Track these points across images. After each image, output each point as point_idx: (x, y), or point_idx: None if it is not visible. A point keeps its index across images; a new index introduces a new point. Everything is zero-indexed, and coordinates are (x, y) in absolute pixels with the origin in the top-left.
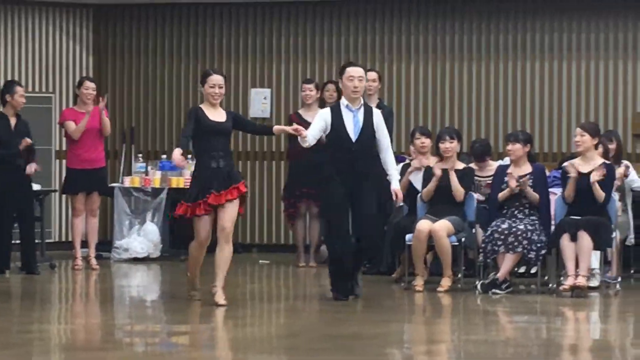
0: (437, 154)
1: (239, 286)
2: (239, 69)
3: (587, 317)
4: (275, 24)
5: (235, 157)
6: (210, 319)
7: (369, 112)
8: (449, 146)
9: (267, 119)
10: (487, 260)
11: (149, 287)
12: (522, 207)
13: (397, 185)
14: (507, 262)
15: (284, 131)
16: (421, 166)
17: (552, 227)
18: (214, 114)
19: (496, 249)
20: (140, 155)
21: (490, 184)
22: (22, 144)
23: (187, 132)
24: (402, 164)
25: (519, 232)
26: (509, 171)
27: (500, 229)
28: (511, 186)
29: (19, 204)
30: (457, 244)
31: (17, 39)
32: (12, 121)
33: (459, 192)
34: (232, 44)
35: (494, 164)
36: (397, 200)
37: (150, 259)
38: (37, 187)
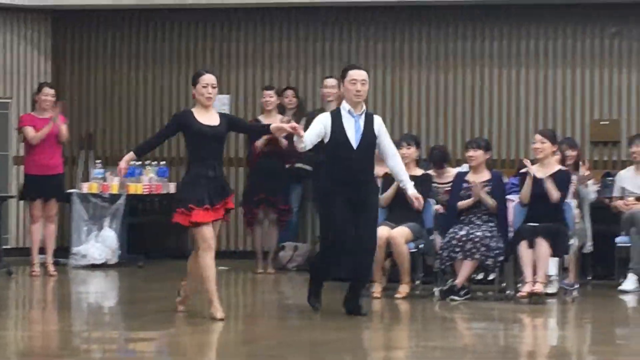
0: None
1: (198, 292)
2: None
3: (545, 323)
4: (233, 29)
5: None
6: (168, 325)
7: (370, 118)
8: (406, 152)
9: None
10: (445, 266)
11: (106, 293)
12: (480, 213)
13: (414, 190)
14: (465, 269)
15: (281, 129)
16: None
17: (510, 234)
18: (206, 117)
19: (454, 255)
20: (98, 161)
21: (448, 190)
22: None
23: (154, 138)
24: None
25: (476, 239)
26: (468, 178)
27: (458, 236)
28: (475, 192)
29: None
30: (415, 250)
31: None
32: None
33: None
34: (191, 49)
35: (453, 171)
36: (419, 205)
37: (108, 265)
38: None
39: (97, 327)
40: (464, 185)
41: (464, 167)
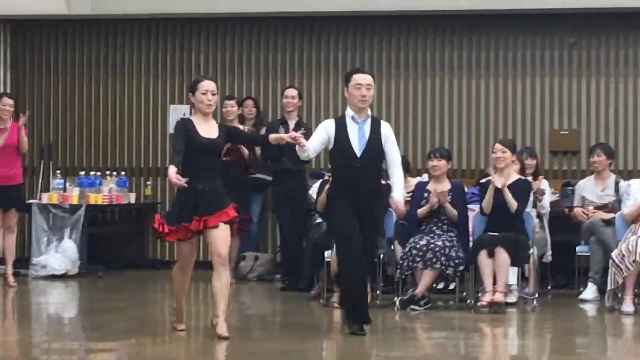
0: None
1: (157, 303)
2: (157, 85)
3: (505, 332)
4: (194, 39)
5: (153, 174)
6: (128, 336)
7: (377, 124)
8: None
9: None
10: (406, 276)
11: (66, 304)
12: (440, 223)
13: (399, 196)
14: (425, 278)
15: (281, 140)
16: None
17: (470, 244)
18: (206, 129)
19: (414, 265)
20: (58, 171)
21: (409, 200)
22: None
23: (177, 146)
24: (321, 181)
25: (437, 249)
26: (429, 187)
27: (418, 245)
28: (432, 200)
29: None
30: (375, 260)
31: None
32: None
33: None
34: (150, 59)
35: (413, 181)
36: (398, 212)
37: (68, 275)
38: None
39: (57, 338)
40: (425, 195)
41: (424, 177)
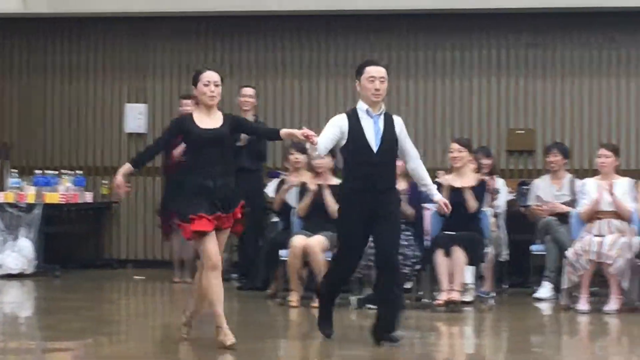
0: (312, 170)
1: (114, 302)
2: (114, 84)
3: (461, 331)
4: (150, 39)
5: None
6: (84, 335)
7: (390, 119)
8: (321, 162)
9: (143, 134)
10: (362, 275)
11: (23, 303)
12: None
13: (439, 196)
14: None
15: (292, 135)
16: (297, 183)
17: (427, 243)
18: (207, 121)
19: (370, 264)
20: (14, 170)
21: None
22: None
23: (154, 143)
24: (279, 180)
25: None
26: None
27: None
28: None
29: None
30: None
31: None
32: None
33: (332, 209)
34: (106, 59)
35: None
36: (447, 210)
37: (24, 275)
38: None
39: (13, 337)
40: None
41: None
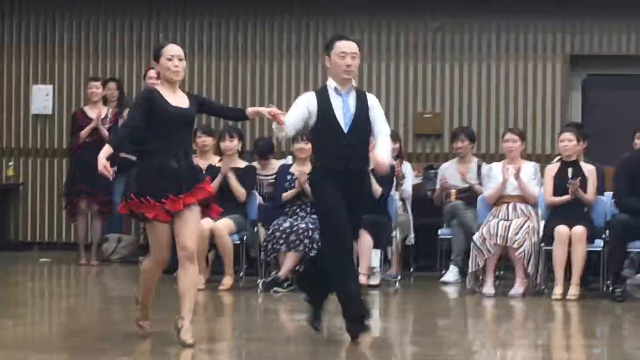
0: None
1: (19, 285)
2: (20, 64)
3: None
4: (58, 19)
5: (14, 154)
6: None
7: (362, 96)
8: (229, 145)
9: (49, 115)
10: (269, 258)
11: None
12: (304, 205)
13: (383, 154)
14: (288, 261)
15: (259, 113)
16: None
17: None
18: (175, 98)
19: (278, 247)
20: None
21: (272, 182)
22: None
23: (131, 121)
24: None
25: (300, 231)
26: (292, 170)
27: (282, 228)
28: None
29: None
30: (238, 242)
31: None
32: None
33: (239, 193)
34: (13, 39)
35: (277, 163)
36: (382, 169)
37: None
38: None
39: None
40: (289, 177)
41: (288, 160)
